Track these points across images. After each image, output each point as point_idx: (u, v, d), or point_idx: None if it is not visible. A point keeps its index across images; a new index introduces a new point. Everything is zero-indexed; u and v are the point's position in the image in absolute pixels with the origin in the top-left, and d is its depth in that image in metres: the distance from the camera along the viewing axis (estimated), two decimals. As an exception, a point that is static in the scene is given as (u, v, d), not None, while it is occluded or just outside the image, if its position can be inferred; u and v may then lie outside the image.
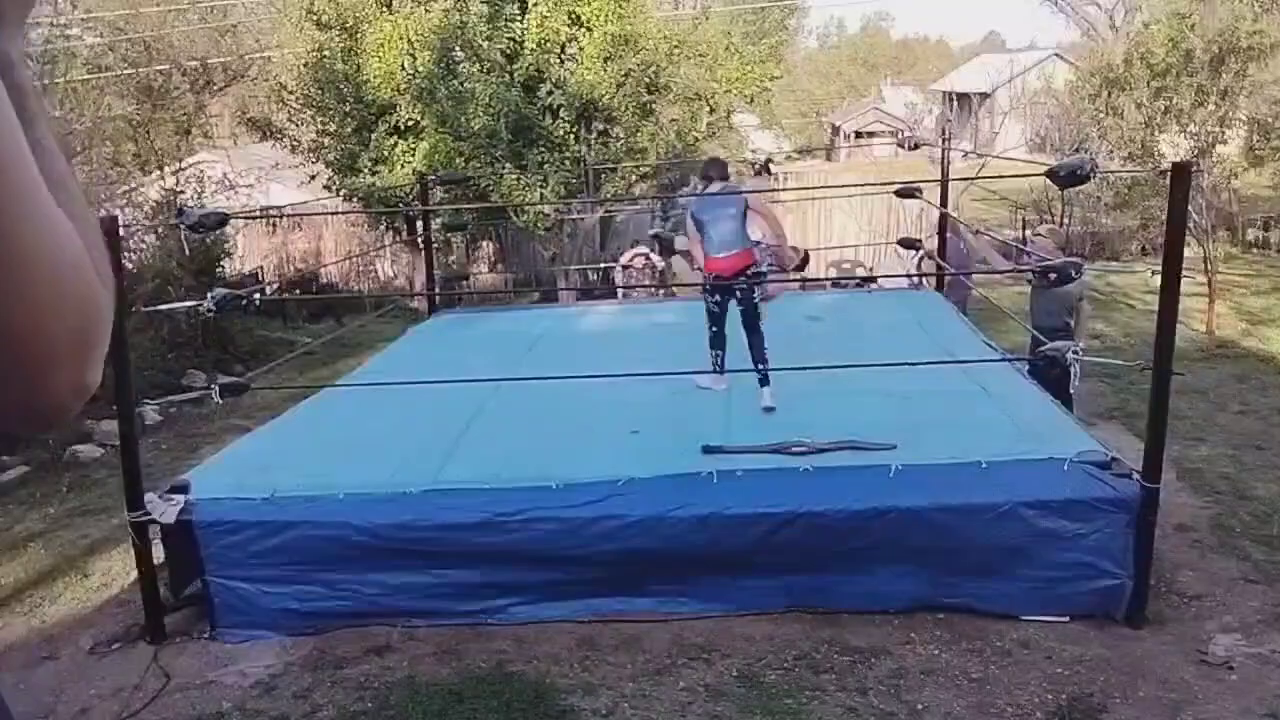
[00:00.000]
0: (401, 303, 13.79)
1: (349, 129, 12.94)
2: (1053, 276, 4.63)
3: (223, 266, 12.11)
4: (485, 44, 11.73)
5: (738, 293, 5.60)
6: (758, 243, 6.03)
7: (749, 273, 5.67)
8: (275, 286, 14.55)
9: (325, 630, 4.51)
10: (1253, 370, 8.67)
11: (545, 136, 12.03)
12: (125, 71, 15.83)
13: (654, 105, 12.61)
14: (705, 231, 5.63)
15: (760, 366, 5.44)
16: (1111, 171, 11.72)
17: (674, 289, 9.10)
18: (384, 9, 12.58)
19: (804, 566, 4.34)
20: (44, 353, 0.57)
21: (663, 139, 12.62)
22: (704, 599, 4.43)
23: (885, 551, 4.27)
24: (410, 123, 12.41)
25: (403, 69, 12.07)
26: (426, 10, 12.31)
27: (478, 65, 11.60)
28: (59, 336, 0.58)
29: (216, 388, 5.12)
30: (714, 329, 5.74)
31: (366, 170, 12.76)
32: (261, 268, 15.34)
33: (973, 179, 13.10)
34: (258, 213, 12.64)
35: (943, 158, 8.52)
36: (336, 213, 14.01)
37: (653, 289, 9.96)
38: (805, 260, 8.65)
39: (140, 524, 4.57)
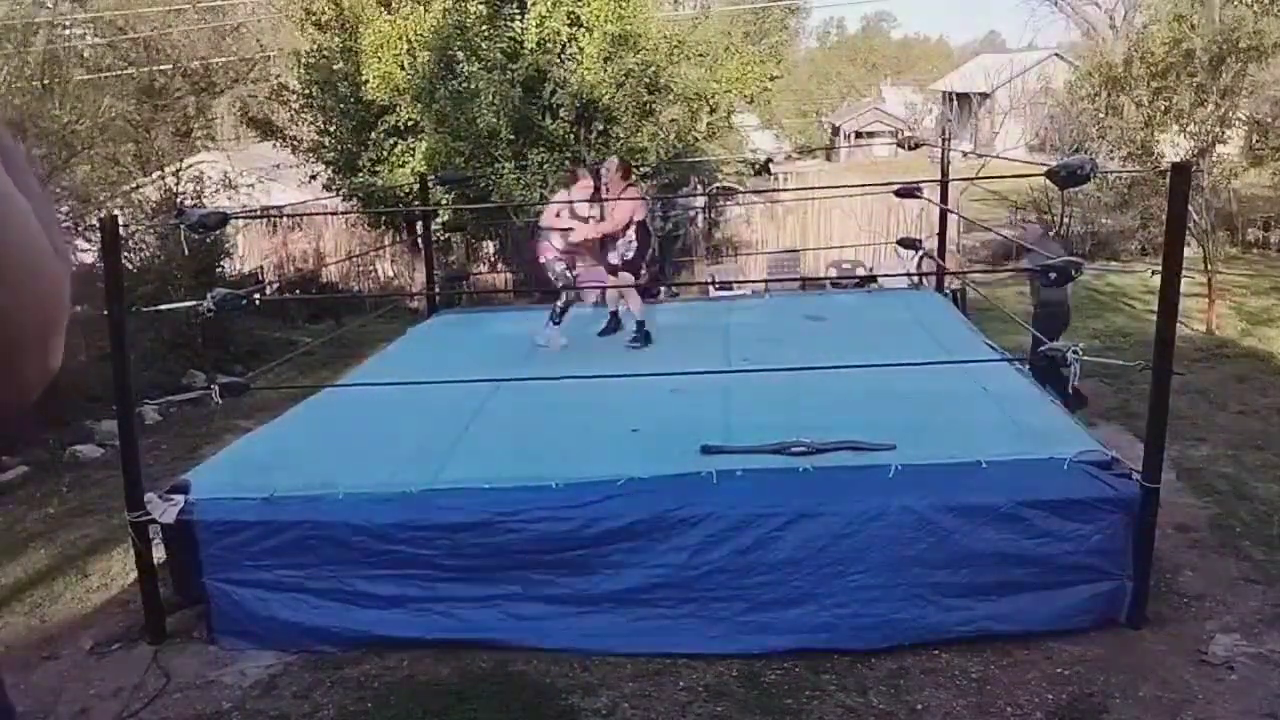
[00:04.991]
0: (401, 303, 13.79)
1: (348, 129, 12.93)
2: (1053, 276, 4.64)
3: (223, 266, 12.12)
4: (485, 44, 11.73)
5: None
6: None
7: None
8: (275, 286, 14.55)
9: (320, 650, 4.50)
10: (1253, 370, 8.66)
11: (545, 136, 12.03)
12: (125, 71, 15.83)
13: (654, 105, 12.60)
14: None
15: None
16: (1111, 171, 11.71)
17: (676, 290, 9.10)
18: (383, 9, 12.58)
19: (805, 597, 4.31)
20: (13, 339, 0.55)
21: (663, 139, 12.61)
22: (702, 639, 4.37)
23: (885, 556, 4.26)
24: (410, 123, 12.41)
25: (402, 69, 12.07)
26: (426, 10, 12.31)
27: (478, 65, 11.60)
28: (29, 322, 0.55)
29: (216, 388, 5.12)
30: None
31: (366, 170, 12.76)
32: (261, 268, 15.35)
33: (973, 179, 13.11)
34: (258, 213, 12.64)
35: (943, 158, 8.52)
36: (336, 213, 14.01)
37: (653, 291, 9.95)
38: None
39: (140, 524, 4.57)
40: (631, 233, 6.94)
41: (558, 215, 7.07)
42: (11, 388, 0.57)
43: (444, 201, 11.72)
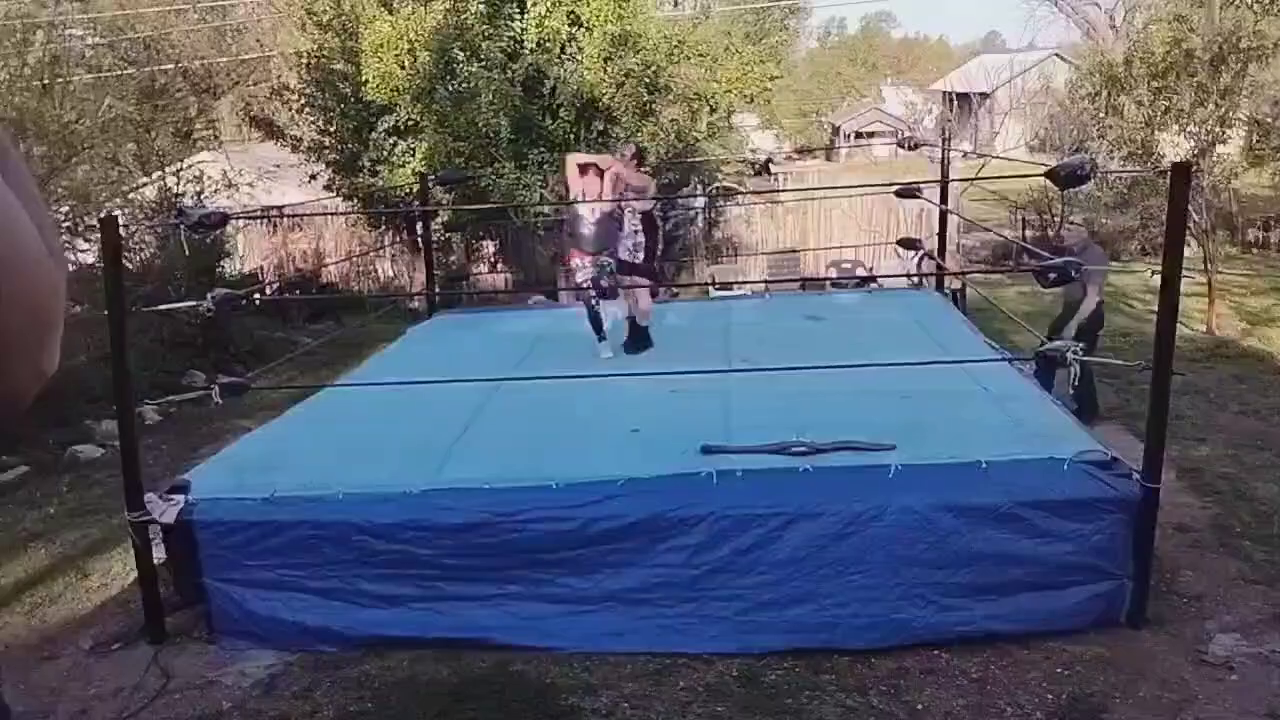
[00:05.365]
0: (401, 303, 13.78)
1: (349, 129, 12.94)
2: (1052, 276, 4.64)
3: (223, 266, 12.11)
4: (485, 44, 11.74)
5: None
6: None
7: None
8: (275, 286, 14.55)
9: (320, 650, 4.49)
10: (1253, 370, 8.66)
11: (545, 136, 12.03)
12: (125, 71, 15.83)
13: (654, 105, 12.59)
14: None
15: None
16: (1111, 171, 11.72)
17: (676, 290, 9.10)
18: (383, 9, 12.59)
19: (806, 596, 4.31)
20: (9, 340, 0.55)
21: (663, 139, 12.60)
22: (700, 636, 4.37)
23: (885, 556, 4.26)
24: (410, 123, 12.41)
25: (402, 69, 12.07)
26: (426, 10, 12.31)
27: (478, 65, 11.61)
28: (25, 323, 0.56)
29: (216, 388, 5.11)
30: None
31: (367, 170, 12.77)
32: (261, 268, 15.34)
33: (973, 179, 13.11)
34: (258, 213, 12.63)
35: (943, 158, 8.52)
36: (337, 213, 14.01)
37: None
38: None
39: (140, 524, 4.56)
40: (638, 222, 6.92)
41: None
42: (8, 388, 0.58)
43: (444, 201, 11.72)
